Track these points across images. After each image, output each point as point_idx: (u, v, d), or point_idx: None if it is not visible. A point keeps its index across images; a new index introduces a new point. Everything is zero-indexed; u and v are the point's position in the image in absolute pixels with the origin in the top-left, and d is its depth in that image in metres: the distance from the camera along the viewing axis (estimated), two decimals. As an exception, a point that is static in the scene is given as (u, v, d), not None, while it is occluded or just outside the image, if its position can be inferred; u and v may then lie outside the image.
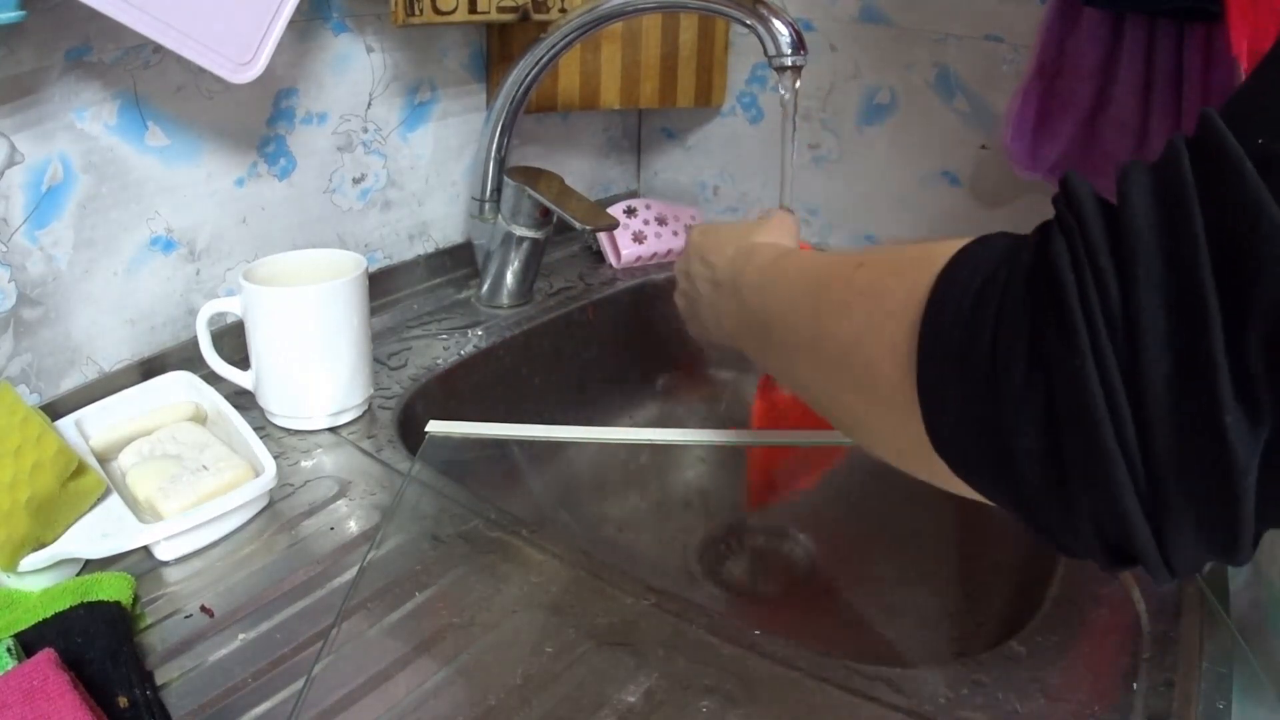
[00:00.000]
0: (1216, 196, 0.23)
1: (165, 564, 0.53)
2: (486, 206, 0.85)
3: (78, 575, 0.52)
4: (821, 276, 0.43)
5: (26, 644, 0.44)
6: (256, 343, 0.66)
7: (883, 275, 0.36)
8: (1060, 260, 0.26)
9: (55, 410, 0.62)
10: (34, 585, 0.50)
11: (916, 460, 0.34)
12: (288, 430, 0.67)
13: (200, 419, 0.65)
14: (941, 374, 0.30)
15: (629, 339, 0.95)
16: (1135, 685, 0.46)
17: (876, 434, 0.38)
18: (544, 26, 0.77)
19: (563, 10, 0.83)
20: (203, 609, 0.50)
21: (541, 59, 0.78)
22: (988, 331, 0.28)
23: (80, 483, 0.53)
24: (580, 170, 1.06)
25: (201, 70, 0.63)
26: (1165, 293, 0.23)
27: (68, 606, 0.47)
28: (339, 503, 0.59)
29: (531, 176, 0.84)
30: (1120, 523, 0.25)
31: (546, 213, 0.83)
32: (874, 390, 0.35)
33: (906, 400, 0.32)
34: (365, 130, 0.82)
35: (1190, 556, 0.25)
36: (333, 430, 0.67)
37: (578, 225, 0.78)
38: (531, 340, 0.85)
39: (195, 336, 0.67)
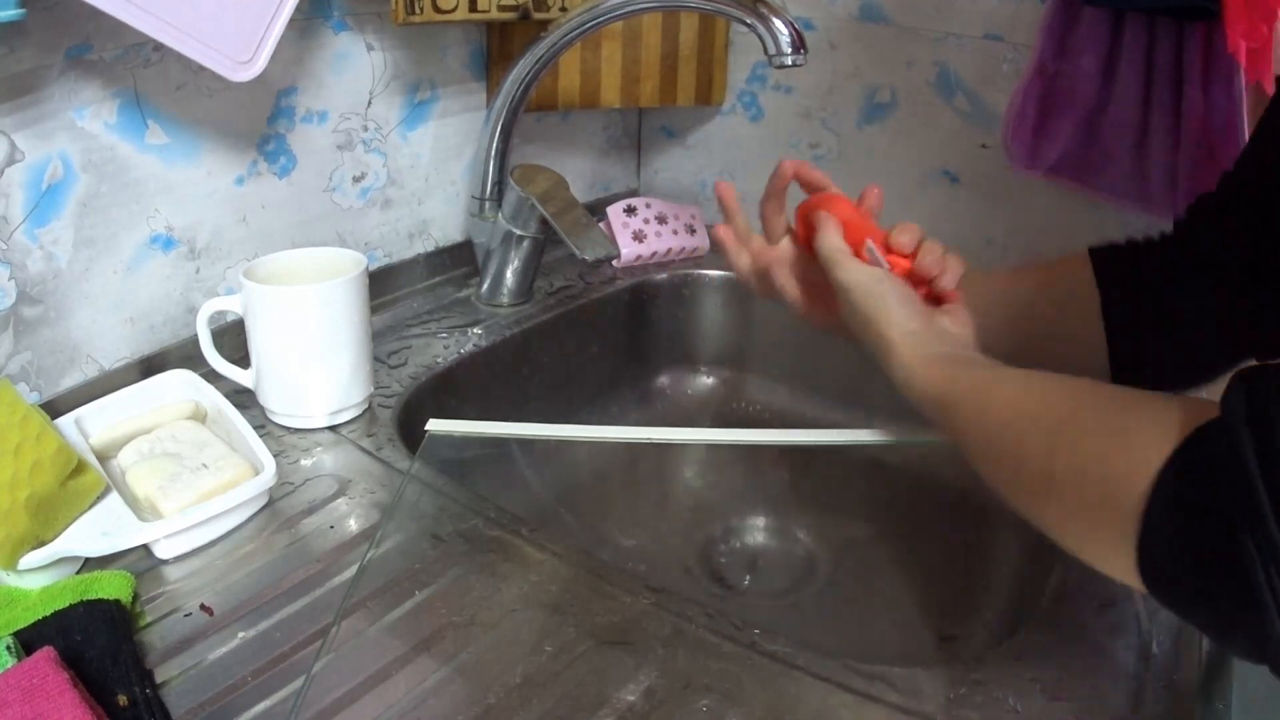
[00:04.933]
0: None
1: (165, 562, 0.53)
2: (487, 205, 0.85)
3: (77, 573, 0.52)
4: (1019, 463, 0.45)
5: (26, 642, 0.44)
6: (256, 341, 0.66)
7: (1079, 505, 0.40)
8: (1249, 560, 0.32)
9: (55, 408, 0.62)
10: (33, 583, 0.50)
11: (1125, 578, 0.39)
12: (287, 429, 0.67)
13: (200, 417, 0.65)
14: (1165, 589, 0.37)
15: (629, 338, 0.95)
16: (1135, 685, 0.46)
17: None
18: (544, 25, 0.77)
19: (563, 9, 0.83)
20: (202, 607, 0.50)
21: (542, 58, 0.78)
22: (1197, 593, 0.36)
23: (80, 481, 0.53)
24: (580, 169, 1.06)
25: (202, 68, 0.63)
26: None
27: (67, 605, 0.47)
28: (339, 501, 0.59)
29: (532, 175, 0.83)
30: None
31: (547, 214, 0.83)
32: (1092, 558, 0.41)
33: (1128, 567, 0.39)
34: (365, 129, 0.82)
35: None
36: (332, 429, 0.67)
37: (579, 254, 0.77)
38: (531, 339, 0.85)
39: (195, 335, 0.67)
